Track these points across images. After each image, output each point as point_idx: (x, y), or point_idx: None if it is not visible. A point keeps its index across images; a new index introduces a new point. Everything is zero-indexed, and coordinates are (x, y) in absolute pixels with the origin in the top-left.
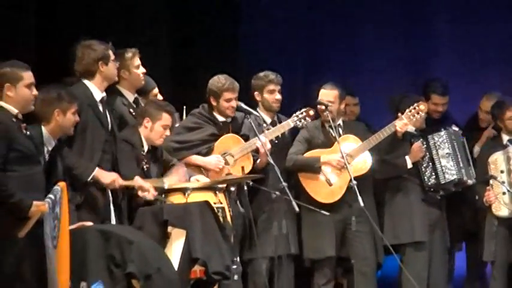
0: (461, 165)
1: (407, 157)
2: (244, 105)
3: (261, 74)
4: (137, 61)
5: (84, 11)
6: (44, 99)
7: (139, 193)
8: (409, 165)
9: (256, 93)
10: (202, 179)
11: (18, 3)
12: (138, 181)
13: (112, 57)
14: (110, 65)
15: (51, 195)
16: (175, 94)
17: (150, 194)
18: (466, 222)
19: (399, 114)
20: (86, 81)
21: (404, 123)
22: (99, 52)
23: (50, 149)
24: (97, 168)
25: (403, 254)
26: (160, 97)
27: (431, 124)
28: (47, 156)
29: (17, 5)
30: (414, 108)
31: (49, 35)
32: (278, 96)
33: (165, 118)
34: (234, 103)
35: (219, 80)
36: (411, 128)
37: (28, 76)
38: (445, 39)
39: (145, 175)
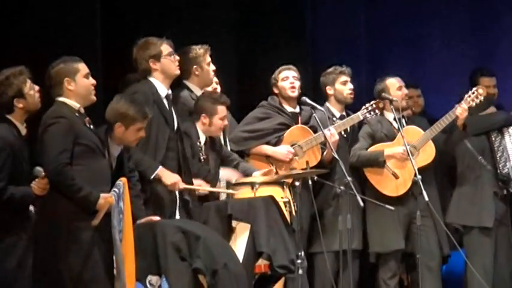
0: None
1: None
2: (308, 99)
3: (330, 69)
4: (208, 58)
5: (151, 6)
6: (112, 109)
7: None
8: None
9: (328, 87)
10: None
11: None
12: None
13: (165, 52)
14: (163, 61)
15: (115, 189)
16: (240, 87)
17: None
18: None
19: (456, 104)
20: (151, 78)
21: (464, 108)
22: (150, 50)
23: (115, 155)
24: (160, 167)
25: (468, 244)
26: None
27: None
28: (113, 163)
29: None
30: (473, 93)
31: (114, 29)
32: (351, 86)
33: (221, 110)
34: (292, 80)
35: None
36: None
37: (83, 67)
38: (510, 33)
39: (201, 169)
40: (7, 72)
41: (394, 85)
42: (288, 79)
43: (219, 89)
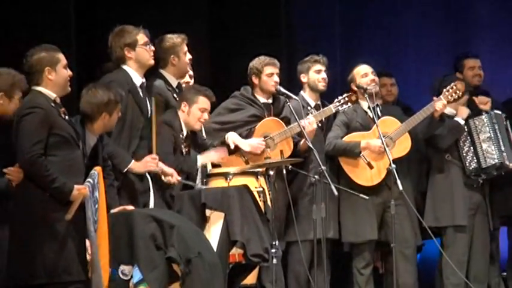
0: (502, 149)
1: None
2: (283, 89)
3: (306, 57)
4: (185, 47)
5: None
6: (91, 103)
7: (163, 178)
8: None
9: (302, 75)
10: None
11: None
12: (161, 167)
13: (141, 41)
14: (138, 50)
15: (90, 180)
16: (214, 80)
17: (173, 179)
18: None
19: (435, 97)
20: (125, 67)
21: (443, 103)
22: (125, 38)
23: (91, 145)
24: (133, 161)
25: (443, 237)
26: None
27: (476, 94)
28: (88, 151)
29: None
30: (452, 88)
31: (88, 20)
32: (324, 75)
33: (202, 101)
34: (276, 78)
35: (259, 58)
36: (451, 112)
37: (63, 57)
38: (486, 21)
39: (185, 159)
40: None
41: (359, 73)
42: (272, 76)
43: (192, 82)
